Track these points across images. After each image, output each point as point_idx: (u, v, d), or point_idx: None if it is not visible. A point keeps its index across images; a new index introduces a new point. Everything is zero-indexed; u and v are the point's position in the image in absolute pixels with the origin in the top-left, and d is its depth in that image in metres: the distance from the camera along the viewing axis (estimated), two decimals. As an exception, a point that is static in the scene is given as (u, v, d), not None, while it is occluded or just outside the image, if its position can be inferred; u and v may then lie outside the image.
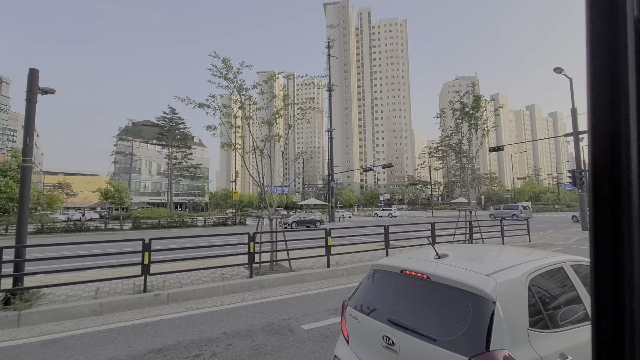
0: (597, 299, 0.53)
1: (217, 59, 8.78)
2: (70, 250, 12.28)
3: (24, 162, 6.33)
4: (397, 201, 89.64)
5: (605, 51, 0.52)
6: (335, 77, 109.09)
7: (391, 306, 2.48)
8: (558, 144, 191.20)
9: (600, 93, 0.52)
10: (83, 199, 71.32)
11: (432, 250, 2.76)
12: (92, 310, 5.70)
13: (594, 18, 0.53)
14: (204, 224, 31.31)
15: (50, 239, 21.11)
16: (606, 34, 0.51)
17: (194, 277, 7.60)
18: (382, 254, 9.85)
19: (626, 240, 0.49)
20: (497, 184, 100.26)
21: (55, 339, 4.65)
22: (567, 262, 2.57)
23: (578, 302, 2.37)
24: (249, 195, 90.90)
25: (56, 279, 7.24)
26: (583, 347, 2.16)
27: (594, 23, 0.53)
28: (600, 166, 0.52)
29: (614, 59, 0.50)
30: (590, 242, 0.54)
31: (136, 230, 27.24)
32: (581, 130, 19.92)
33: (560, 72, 20.06)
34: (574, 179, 19.02)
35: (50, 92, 6.95)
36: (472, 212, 12.87)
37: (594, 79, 0.53)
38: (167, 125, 52.67)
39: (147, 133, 60.51)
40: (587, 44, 0.53)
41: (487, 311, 1.95)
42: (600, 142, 0.52)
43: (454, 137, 13.31)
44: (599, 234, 0.52)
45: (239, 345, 4.33)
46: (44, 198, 37.41)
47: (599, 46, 0.52)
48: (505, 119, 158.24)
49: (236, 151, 9.70)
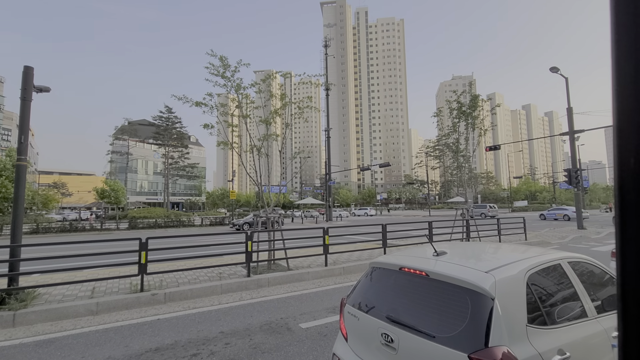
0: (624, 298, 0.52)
1: (215, 57, 8.75)
2: (66, 250, 12.20)
3: (19, 161, 6.27)
4: (395, 200, 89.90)
5: (632, 50, 0.51)
6: (332, 76, 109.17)
7: (390, 304, 2.47)
8: (554, 143, 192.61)
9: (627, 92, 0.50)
10: (79, 198, 70.80)
11: (431, 247, 2.76)
12: (89, 310, 5.66)
13: (619, 16, 0.52)
14: (201, 223, 31.21)
15: (46, 239, 20.96)
16: (633, 32, 0.50)
17: (191, 277, 7.57)
18: (380, 253, 9.87)
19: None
20: (494, 183, 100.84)
21: (51, 339, 4.61)
22: (564, 259, 2.58)
23: (575, 299, 2.38)
24: (246, 195, 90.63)
25: (52, 279, 7.19)
26: (581, 343, 2.18)
27: (619, 21, 0.52)
28: (627, 169, 0.51)
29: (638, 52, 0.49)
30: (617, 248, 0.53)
31: (132, 230, 27.10)
32: (577, 129, 20.07)
33: (556, 71, 20.17)
34: (569, 178, 19.14)
35: (46, 91, 6.88)
36: (469, 211, 12.93)
37: (620, 79, 0.51)
38: (163, 125, 52.32)
39: (143, 132, 60.18)
40: (613, 43, 0.52)
41: (485, 308, 1.95)
42: (627, 143, 0.50)
43: (451, 136, 13.36)
44: (625, 239, 0.51)
45: (237, 344, 4.32)
46: (39, 198, 37.14)
47: (625, 45, 0.51)
48: (501, 118, 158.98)
49: (233, 150, 9.67)
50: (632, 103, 0.50)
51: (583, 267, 2.68)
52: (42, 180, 62.38)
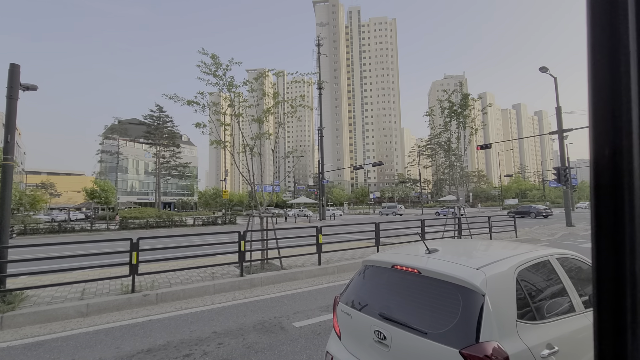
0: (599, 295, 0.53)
1: (206, 55, 8.67)
2: (54, 251, 11.98)
3: (5, 161, 6.13)
4: (387, 199, 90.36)
5: (606, 48, 0.52)
6: (325, 75, 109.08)
7: (383, 301, 2.49)
8: (543, 142, 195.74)
9: (602, 91, 0.52)
10: (68, 199, 69.54)
11: (423, 245, 2.78)
12: (79, 311, 5.57)
13: (595, 15, 0.53)
14: (193, 223, 30.92)
15: (34, 240, 20.54)
16: (607, 31, 0.52)
17: (184, 277, 7.51)
18: (373, 251, 9.91)
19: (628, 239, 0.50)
20: (485, 182, 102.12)
21: (40, 342, 4.53)
22: (553, 256, 2.63)
23: (563, 294, 2.43)
24: (239, 194, 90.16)
25: (40, 280, 7.06)
26: (568, 337, 2.22)
27: (595, 20, 0.53)
28: (602, 165, 0.52)
29: (614, 56, 0.50)
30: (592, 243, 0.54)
31: (123, 231, 26.72)
32: (565, 128, 20.42)
33: (545, 71, 20.49)
34: (558, 176, 19.48)
35: (32, 89, 6.75)
36: (461, 209, 13.07)
37: (595, 76, 0.52)
38: (154, 124, 51.75)
39: (133, 131, 59.37)
40: (588, 41, 0.54)
41: (476, 304, 1.98)
42: (601, 139, 0.52)
43: (443, 135, 13.48)
44: (600, 234, 0.53)
45: (230, 344, 4.30)
46: (26, 198, 36.35)
47: (599, 43, 0.52)
48: (492, 117, 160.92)
49: (226, 149, 9.60)
50: (606, 99, 0.52)
51: (571, 263, 2.74)
52: (30, 180, 61.02)
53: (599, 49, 0.53)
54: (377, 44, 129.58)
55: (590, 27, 0.53)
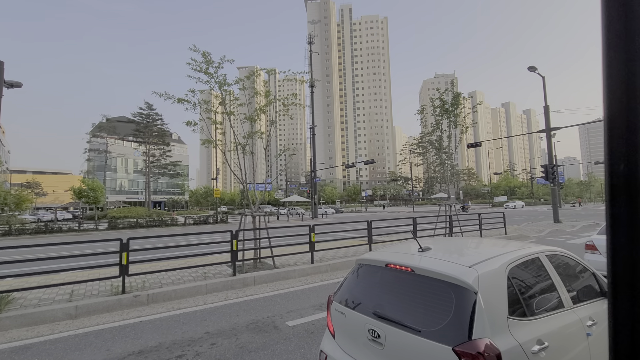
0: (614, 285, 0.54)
1: (197, 52, 8.56)
2: (41, 252, 11.73)
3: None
4: (379, 197, 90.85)
5: (621, 49, 0.52)
6: (317, 74, 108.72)
7: (376, 300, 2.50)
8: (532, 140, 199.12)
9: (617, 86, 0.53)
10: (54, 198, 68.04)
11: (415, 244, 2.80)
12: (67, 313, 5.47)
13: (611, 14, 0.53)
14: (184, 222, 30.59)
15: (19, 241, 20.07)
16: (622, 30, 0.52)
17: (175, 277, 7.42)
18: (366, 249, 9.96)
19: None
20: (475, 179, 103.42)
21: (27, 345, 4.43)
22: (542, 253, 2.68)
23: (553, 290, 2.48)
24: (230, 193, 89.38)
25: (27, 282, 6.90)
26: (558, 332, 2.27)
27: (611, 19, 0.53)
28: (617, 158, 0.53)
29: (629, 57, 0.51)
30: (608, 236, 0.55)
31: (112, 231, 26.28)
32: (553, 127, 20.81)
33: (533, 70, 20.80)
34: (546, 173, 19.85)
35: (17, 86, 6.57)
36: (452, 207, 13.22)
37: (610, 76, 0.53)
38: (143, 122, 50.95)
39: (122, 129, 58.31)
40: (603, 43, 0.54)
41: (469, 301, 2.00)
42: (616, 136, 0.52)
43: (434, 133, 13.60)
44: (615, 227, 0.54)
45: (223, 344, 4.27)
46: (11, 198, 35.41)
47: (615, 42, 0.53)
48: (482, 116, 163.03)
49: (217, 148, 9.52)
50: (622, 103, 0.53)
51: (560, 259, 2.79)
52: (15, 179, 59.47)
53: (614, 51, 0.53)
54: (368, 42, 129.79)
55: (605, 29, 0.54)
